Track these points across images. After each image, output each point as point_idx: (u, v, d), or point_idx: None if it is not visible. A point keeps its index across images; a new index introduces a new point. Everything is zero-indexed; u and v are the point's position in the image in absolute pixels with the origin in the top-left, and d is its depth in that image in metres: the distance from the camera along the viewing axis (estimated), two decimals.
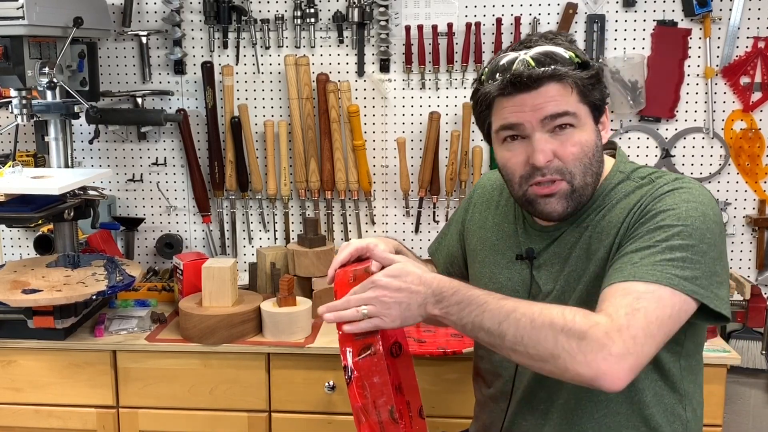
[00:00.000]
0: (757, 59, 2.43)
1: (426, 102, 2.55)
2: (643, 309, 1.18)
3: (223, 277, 2.13)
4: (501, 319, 1.21)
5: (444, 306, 1.27)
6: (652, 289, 1.21)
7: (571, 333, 1.16)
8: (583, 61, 1.34)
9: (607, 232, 1.36)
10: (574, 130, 1.33)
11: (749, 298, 2.37)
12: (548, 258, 1.44)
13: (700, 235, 1.26)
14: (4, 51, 2.06)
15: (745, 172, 2.50)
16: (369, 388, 1.27)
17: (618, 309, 1.18)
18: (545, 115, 1.31)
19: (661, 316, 1.19)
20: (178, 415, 2.15)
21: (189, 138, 2.58)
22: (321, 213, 2.62)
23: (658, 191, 1.33)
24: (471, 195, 1.67)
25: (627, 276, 1.23)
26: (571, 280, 1.40)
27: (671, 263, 1.23)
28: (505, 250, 1.51)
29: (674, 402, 1.40)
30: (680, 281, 1.22)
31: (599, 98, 1.36)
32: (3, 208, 2.07)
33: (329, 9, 2.52)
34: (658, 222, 1.28)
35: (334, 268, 1.44)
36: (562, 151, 1.33)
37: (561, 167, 1.33)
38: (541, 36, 1.38)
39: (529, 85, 1.30)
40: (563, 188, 1.34)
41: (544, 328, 1.17)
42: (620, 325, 1.16)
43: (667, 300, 1.21)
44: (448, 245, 1.69)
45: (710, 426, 2.00)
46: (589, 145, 1.34)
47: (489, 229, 1.56)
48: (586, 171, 1.34)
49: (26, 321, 2.04)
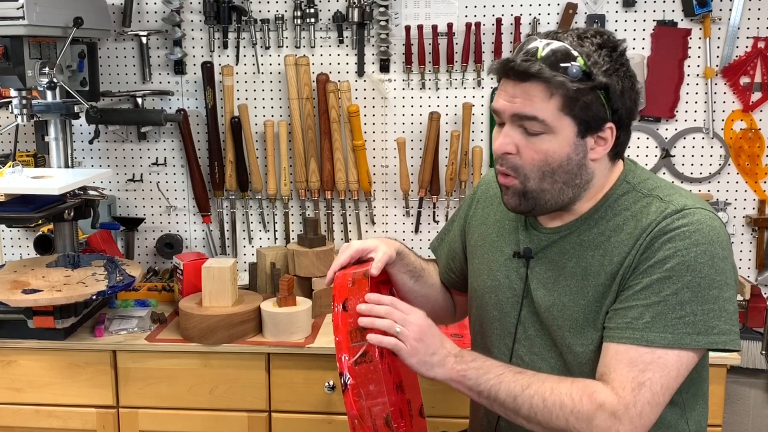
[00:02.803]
0: (757, 59, 2.43)
1: (426, 102, 2.55)
2: (648, 382, 1.25)
3: (223, 277, 2.13)
4: (516, 394, 1.29)
5: (463, 369, 1.33)
6: (659, 355, 1.26)
7: (580, 416, 1.25)
8: (589, 72, 1.28)
9: (610, 259, 1.34)
10: (544, 137, 1.30)
11: (749, 298, 2.38)
12: (544, 262, 1.44)
13: (710, 281, 1.27)
14: (4, 51, 2.06)
15: (745, 172, 2.50)
16: (365, 396, 1.27)
17: (624, 384, 1.26)
18: (514, 112, 1.31)
19: (666, 384, 1.26)
20: (178, 415, 2.15)
21: (189, 138, 2.58)
22: (321, 213, 2.62)
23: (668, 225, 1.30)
24: (475, 191, 1.67)
25: (638, 339, 1.28)
26: (563, 294, 1.39)
27: (682, 320, 1.26)
28: (503, 247, 1.51)
29: (675, 417, 1.40)
30: (691, 338, 1.26)
31: (592, 116, 1.30)
32: (3, 208, 2.07)
33: (329, 9, 2.52)
34: (667, 270, 1.28)
35: (333, 270, 1.44)
36: (524, 150, 1.33)
37: (517, 165, 1.34)
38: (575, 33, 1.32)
39: (518, 76, 1.29)
40: (515, 185, 1.35)
41: (555, 408, 1.27)
42: (627, 403, 1.24)
43: (672, 364, 1.27)
44: (450, 241, 1.69)
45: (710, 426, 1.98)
46: (555, 156, 1.31)
47: (490, 226, 1.56)
48: (544, 179, 1.33)
49: (26, 321, 2.04)
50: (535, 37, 1.34)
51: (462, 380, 1.32)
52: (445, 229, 1.75)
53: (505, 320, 1.48)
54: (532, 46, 1.31)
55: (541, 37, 1.33)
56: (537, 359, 1.44)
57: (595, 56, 1.29)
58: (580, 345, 1.37)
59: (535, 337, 1.44)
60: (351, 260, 1.46)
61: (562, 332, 1.39)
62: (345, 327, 1.31)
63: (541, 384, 1.29)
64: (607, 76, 1.29)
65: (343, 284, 1.37)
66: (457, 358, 1.33)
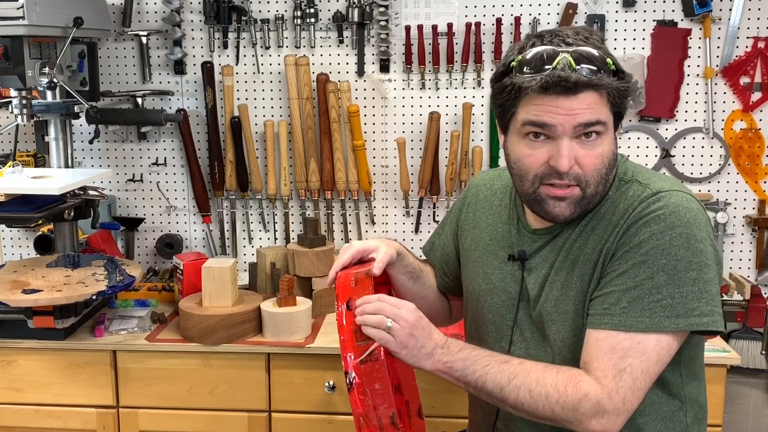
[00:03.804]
0: (757, 59, 2.43)
1: (426, 102, 2.55)
2: (629, 368, 1.27)
3: (223, 277, 2.13)
4: (502, 384, 1.31)
5: (450, 361, 1.33)
6: (638, 340, 1.27)
7: (565, 405, 1.27)
8: (618, 68, 1.31)
9: (593, 247, 1.36)
10: (600, 140, 1.32)
11: (749, 298, 2.38)
12: (539, 261, 1.44)
13: (686, 264, 1.27)
14: (4, 51, 2.06)
15: (745, 172, 2.50)
16: (370, 394, 1.27)
17: (605, 372, 1.27)
18: (580, 123, 1.29)
19: (646, 369, 1.27)
20: (178, 415, 2.15)
21: (189, 138, 2.58)
22: (321, 213, 2.62)
23: (644, 210, 1.31)
24: (465, 195, 1.67)
25: (616, 324, 1.29)
26: (554, 289, 1.40)
27: (659, 304, 1.27)
28: (497, 251, 1.51)
29: (674, 409, 1.40)
30: (670, 321, 1.27)
31: (625, 108, 1.35)
32: (3, 208, 2.07)
33: (329, 9, 2.52)
34: (642, 255, 1.29)
35: (335, 270, 1.44)
36: (585, 159, 1.32)
37: (579, 175, 1.32)
38: (576, 33, 1.33)
39: (570, 89, 1.27)
40: (576, 194, 1.34)
41: (541, 399, 1.29)
42: (609, 390, 1.26)
43: (652, 349, 1.27)
44: (443, 245, 1.69)
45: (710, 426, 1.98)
46: (608, 155, 1.33)
47: (483, 229, 1.56)
48: (600, 181, 1.34)
49: (26, 321, 2.04)
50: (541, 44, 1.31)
51: (449, 371, 1.34)
52: (435, 233, 1.74)
53: (501, 323, 1.49)
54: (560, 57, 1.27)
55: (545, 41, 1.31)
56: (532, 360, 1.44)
57: (611, 55, 1.33)
58: (572, 336, 1.38)
59: (531, 339, 1.45)
60: (353, 260, 1.46)
61: (556, 326, 1.40)
62: (350, 326, 1.31)
63: (527, 375, 1.30)
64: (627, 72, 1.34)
65: (346, 284, 1.37)
66: (444, 350, 1.34)
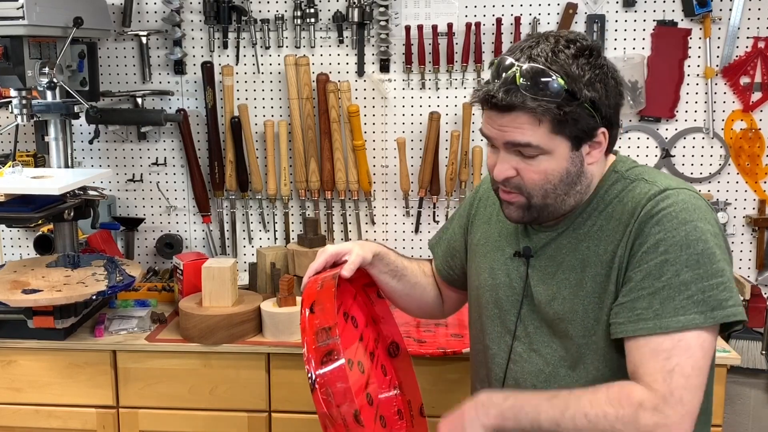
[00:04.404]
0: (757, 59, 2.43)
1: (426, 102, 2.55)
2: (678, 367, 1.24)
3: (223, 277, 2.13)
4: (557, 419, 1.28)
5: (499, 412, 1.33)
6: (677, 339, 1.25)
7: (625, 420, 1.24)
8: (572, 90, 1.26)
9: (604, 248, 1.36)
10: (541, 158, 1.31)
11: (749, 298, 2.38)
12: (544, 260, 1.44)
13: (708, 256, 1.27)
14: (4, 51, 2.06)
15: (745, 172, 2.50)
16: (333, 394, 1.28)
17: (654, 376, 1.24)
18: (508, 140, 1.31)
19: (695, 365, 1.25)
20: (178, 415, 2.15)
21: (189, 138, 2.58)
22: (321, 213, 2.62)
23: (653, 208, 1.31)
24: (477, 189, 1.68)
25: (651, 328, 1.27)
26: (563, 288, 1.40)
27: (690, 300, 1.26)
28: (505, 247, 1.52)
29: None
30: (705, 317, 1.25)
31: (583, 128, 1.30)
32: (3, 208, 2.07)
33: (329, 9, 2.52)
34: (662, 254, 1.28)
35: (308, 275, 1.44)
36: (524, 173, 1.33)
37: (520, 185, 1.35)
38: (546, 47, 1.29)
39: (500, 107, 1.29)
40: (520, 201, 1.37)
41: (600, 420, 1.25)
42: (663, 394, 1.23)
43: (695, 345, 1.25)
44: (450, 239, 1.69)
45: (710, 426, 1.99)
46: (555, 173, 1.32)
47: (493, 225, 1.57)
48: (546, 194, 1.34)
49: (26, 321, 2.04)
50: (506, 57, 1.31)
51: (502, 423, 1.33)
52: (444, 227, 1.75)
53: (505, 318, 1.49)
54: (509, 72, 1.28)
55: (513, 56, 1.30)
56: (535, 356, 1.44)
57: (574, 70, 1.27)
58: (583, 336, 1.37)
59: (534, 335, 1.45)
60: (326, 264, 1.47)
61: (565, 325, 1.39)
62: (312, 329, 1.32)
63: (578, 401, 1.28)
64: (590, 86, 1.28)
65: (313, 288, 1.38)
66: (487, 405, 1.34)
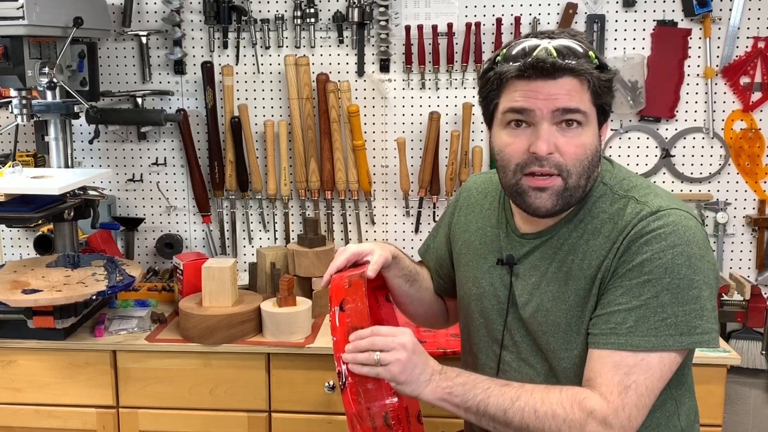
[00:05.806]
0: (757, 59, 2.43)
1: (426, 102, 2.55)
2: (634, 385, 1.27)
3: (223, 277, 2.13)
4: (506, 407, 1.29)
5: (449, 386, 1.32)
6: (642, 357, 1.28)
7: (573, 424, 1.26)
8: (602, 63, 1.33)
9: (589, 262, 1.35)
10: (581, 130, 1.31)
11: (749, 298, 2.38)
12: (527, 268, 1.43)
13: (688, 282, 1.28)
14: (4, 51, 2.06)
15: (745, 172, 2.50)
16: (363, 394, 1.28)
17: (611, 388, 1.27)
18: (558, 107, 1.29)
19: (650, 386, 1.28)
20: (178, 415, 2.15)
21: (189, 138, 2.58)
22: (321, 213, 2.62)
23: (644, 228, 1.31)
24: (457, 198, 1.66)
25: (623, 344, 1.29)
26: (545, 299, 1.39)
27: (664, 323, 1.27)
28: (487, 255, 1.51)
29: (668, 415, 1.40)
30: (674, 340, 1.27)
31: (609, 103, 1.35)
32: (3, 208, 2.07)
33: (329, 9, 2.52)
34: (646, 273, 1.29)
35: (330, 273, 1.44)
36: (565, 148, 1.31)
37: (560, 163, 1.31)
38: (562, 31, 1.36)
39: (549, 73, 1.28)
40: (557, 185, 1.32)
41: (548, 418, 1.27)
42: (615, 407, 1.26)
43: (655, 366, 1.28)
44: (437, 248, 1.69)
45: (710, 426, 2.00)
46: (590, 148, 1.33)
47: (473, 233, 1.56)
48: (582, 173, 1.33)
49: (26, 321, 2.04)
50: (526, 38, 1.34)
51: (448, 397, 1.32)
52: (430, 236, 1.74)
53: (492, 327, 1.49)
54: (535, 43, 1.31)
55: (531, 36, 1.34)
56: (524, 365, 1.44)
57: (595, 51, 1.34)
58: (565, 350, 1.38)
59: (522, 344, 1.44)
60: (347, 263, 1.46)
61: (547, 338, 1.39)
62: (343, 327, 1.32)
63: (530, 395, 1.29)
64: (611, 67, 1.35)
65: (340, 286, 1.37)
66: (442, 375, 1.32)
